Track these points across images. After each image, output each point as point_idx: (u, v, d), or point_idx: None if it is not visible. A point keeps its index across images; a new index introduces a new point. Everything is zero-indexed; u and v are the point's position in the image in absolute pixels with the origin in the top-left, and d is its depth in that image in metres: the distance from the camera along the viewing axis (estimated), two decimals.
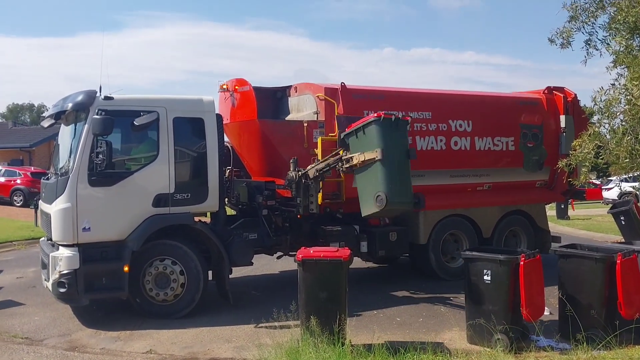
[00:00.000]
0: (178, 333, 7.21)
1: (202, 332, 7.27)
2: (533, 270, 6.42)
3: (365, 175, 7.41)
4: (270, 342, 6.36)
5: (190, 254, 7.86)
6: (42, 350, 6.61)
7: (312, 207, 8.59)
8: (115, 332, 7.28)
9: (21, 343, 6.91)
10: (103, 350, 6.68)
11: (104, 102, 7.53)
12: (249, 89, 9.24)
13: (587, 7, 6.88)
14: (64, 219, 7.29)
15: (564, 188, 11.44)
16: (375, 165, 7.22)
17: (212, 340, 6.97)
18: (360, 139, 7.48)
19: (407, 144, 7.73)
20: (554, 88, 11.45)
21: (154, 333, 7.21)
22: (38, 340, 7.03)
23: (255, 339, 6.88)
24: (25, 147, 33.27)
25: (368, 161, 7.29)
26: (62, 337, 7.16)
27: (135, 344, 6.87)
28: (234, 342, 6.90)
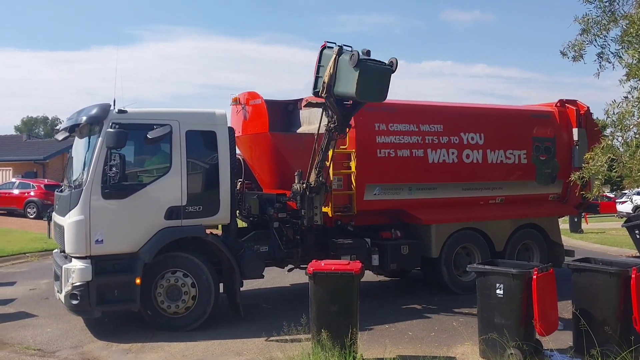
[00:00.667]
0: (189, 346, 7.21)
1: (213, 345, 7.26)
2: (546, 284, 6.35)
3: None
4: (281, 355, 6.34)
5: (201, 267, 7.88)
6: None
7: (317, 219, 8.64)
8: (127, 344, 7.29)
9: (33, 355, 6.93)
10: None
11: (118, 116, 7.61)
12: (261, 102, 9.30)
13: (599, 20, 6.85)
14: (77, 231, 7.34)
15: (577, 201, 11.34)
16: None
17: (223, 353, 6.96)
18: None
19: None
20: (567, 101, 11.42)
21: (166, 346, 7.22)
22: (50, 352, 7.06)
23: (266, 352, 6.85)
24: (39, 160, 33.60)
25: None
26: (74, 349, 7.19)
27: (146, 356, 6.88)
28: (245, 355, 6.88)
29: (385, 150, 9.33)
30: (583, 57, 7.14)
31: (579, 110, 11.26)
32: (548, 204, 11.12)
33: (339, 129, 8.19)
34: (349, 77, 7.66)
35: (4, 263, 14.16)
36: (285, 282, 11.11)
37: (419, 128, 9.68)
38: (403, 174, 9.54)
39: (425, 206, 9.77)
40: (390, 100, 10.11)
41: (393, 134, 9.44)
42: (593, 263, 6.90)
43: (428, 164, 9.69)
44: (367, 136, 9.22)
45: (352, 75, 7.59)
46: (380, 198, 9.41)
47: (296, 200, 8.64)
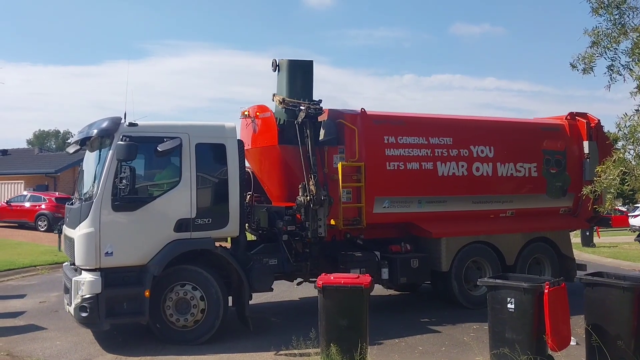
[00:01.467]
0: (198, 359, 7.17)
1: (222, 358, 7.22)
2: (558, 298, 6.28)
3: None
4: None
5: (210, 280, 7.86)
6: None
7: (321, 231, 8.63)
8: (135, 357, 7.27)
9: None
10: None
11: (129, 129, 7.66)
12: (270, 115, 9.32)
13: (609, 32, 6.83)
14: (87, 244, 7.37)
15: (588, 215, 11.25)
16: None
17: None
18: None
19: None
20: (577, 114, 11.37)
21: (174, 359, 7.18)
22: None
23: None
24: (51, 173, 33.86)
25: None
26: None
27: None
28: None
29: (394, 163, 9.32)
30: (593, 70, 7.11)
31: (590, 123, 11.21)
32: (559, 217, 11.03)
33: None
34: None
35: (14, 275, 14.22)
36: (295, 296, 11.07)
37: (428, 141, 9.66)
38: (412, 187, 9.51)
39: (435, 219, 9.72)
40: (399, 113, 10.21)
41: (402, 146, 9.43)
42: (606, 277, 6.81)
43: (437, 176, 9.66)
44: (376, 149, 9.21)
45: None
46: (390, 211, 9.38)
47: (300, 212, 8.72)
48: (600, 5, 6.70)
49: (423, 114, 10.41)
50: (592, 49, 7.00)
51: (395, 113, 10.14)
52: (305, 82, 9.28)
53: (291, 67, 9.32)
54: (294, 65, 9.35)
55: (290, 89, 9.19)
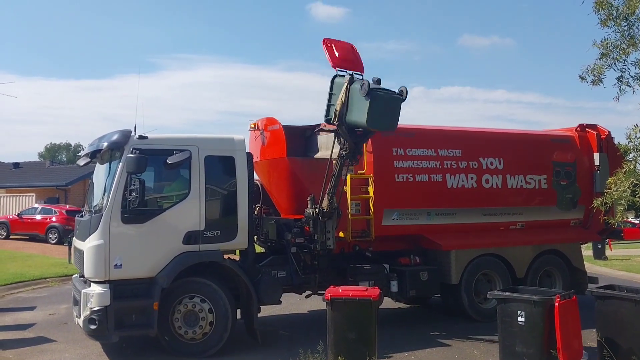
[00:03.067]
0: None
1: None
2: (569, 311, 6.23)
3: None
4: None
5: (219, 292, 7.85)
6: None
7: (329, 244, 8.60)
8: None
9: None
10: None
11: (138, 141, 7.71)
12: (279, 127, 9.37)
13: (618, 44, 6.83)
14: (96, 256, 7.39)
15: (600, 227, 11.15)
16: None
17: None
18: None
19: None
20: (587, 125, 11.32)
21: None
22: None
23: None
24: (61, 186, 34.10)
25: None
26: None
27: None
28: None
29: (403, 175, 9.30)
30: (602, 81, 7.10)
31: (600, 134, 11.15)
32: (570, 229, 10.94)
33: (350, 156, 8.27)
34: (360, 105, 7.76)
35: (24, 288, 14.27)
36: (303, 309, 11.02)
37: (437, 153, 9.65)
38: (421, 199, 9.48)
39: (444, 231, 9.68)
40: (408, 125, 10.19)
41: (411, 158, 9.42)
42: (618, 290, 6.76)
43: (447, 189, 9.62)
44: (385, 161, 9.21)
45: (362, 104, 7.70)
46: (399, 223, 9.35)
47: (309, 224, 8.67)
48: (608, 17, 6.71)
49: (432, 126, 10.42)
50: (601, 61, 7.00)
51: (404, 125, 10.09)
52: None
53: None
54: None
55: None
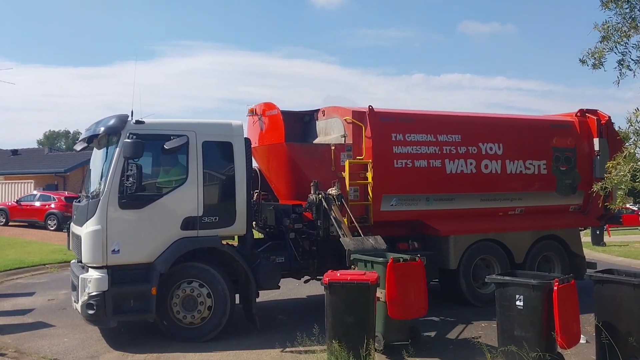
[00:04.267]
0: (205, 356, 7.17)
1: (228, 355, 7.21)
2: (567, 295, 6.20)
3: None
4: None
5: (217, 277, 7.85)
6: None
7: (333, 230, 8.56)
8: (142, 354, 7.26)
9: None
10: None
11: (135, 126, 7.65)
12: (277, 112, 9.30)
13: (619, 27, 6.75)
14: (93, 241, 7.37)
15: (599, 213, 11.14)
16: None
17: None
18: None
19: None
20: (587, 110, 11.25)
21: (181, 356, 7.18)
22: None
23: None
24: (60, 172, 34.05)
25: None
26: (90, 359, 7.18)
27: None
28: None
29: (402, 161, 9.26)
30: (603, 65, 7.02)
31: (600, 120, 11.09)
32: (569, 215, 10.93)
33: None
34: None
35: (23, 274, 14.27)
36: (302, 294, 11.04)
37: (436, 138, 9.60)
38: (420, 185, 9.46)
39: (443, 217, 9.66)
40: (408, 110, 10.16)
41: (410, 144, 9.37)
42: (616, 274, 6.73)
43: (446, 174, 9.59)
44: (384, 147, 9.16)
45: None
46: (397, 209, 9.33)
47: (312, 210, 8.62)
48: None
49: (432, 112, 10.38)
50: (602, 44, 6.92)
51: (403, 110, 10.10)
52: None
53: None
54: None
55: None
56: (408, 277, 6.88)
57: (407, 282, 6.86)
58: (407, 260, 6.98)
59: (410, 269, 6.95)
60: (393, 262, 6.78)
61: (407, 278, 6.86)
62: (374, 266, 7.09)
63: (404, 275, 6.83)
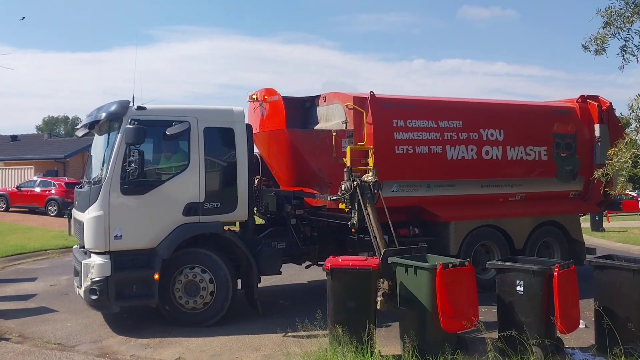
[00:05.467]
0: (207, 341, 7.23)
1: (230, 340, 7.27)
2: (567, 281, 6.26)
3: None
4: (298, 351, 6.29)
5: (219, 263, 7.89)
6: (74, 356, 6.69)
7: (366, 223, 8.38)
8: (145, 339, 7.33)
9: (54, 349, 7.01)
10: (133, 357, 6.74)
11: (137, 112, 7.64)
12: (278, 98, 9.27)
13: (622, 12, 6.72)
14: (96, 227, 7.40)
15: (598, 199, 11.17)
16: None
17: (240, 349, 6.96)
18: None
19: None
20: (588, 96, 11.22)
21: (183, 341, 7.24)
22: (70, 347, 7.12)
23: (283, 347, 6.83)
24: (60, 158, 34.00)
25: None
26: (93, 343, 7.25)
27: (164, 351, 6.90)
28: (263, 350, 6.89)
29: (403, 147, 9.25)
30: (605, 51, 7.01)
31: (601, 106, 11.06)
32: (569, 201, 10.95)
33: None
34: None
35: (25, 259, 14.34)
36: (303, 279, 11.11)
37: (437, 124, 9.58)
38: (421, 171, 9.45)
39: (443, 203, 9.68)
40: (410, 96, 10.13)
41: (411, 130, 9.36)
42: (616, 260, 6.78)
43: (447, 160, 9.59)
44: (385, 133, 9.14)
45: None
46: (398, 195, 9.33)
47: (345, 200, 7.82)
48: None
49: (433, 97, 10.31)
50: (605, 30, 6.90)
51: (404, 96, 10.06)
52: None
53: None
54: None
55: None
56: (458, 283, 6.26)
57: (458, 289, 6.26)
58: (457, 265, 6.35)
59: (461, 275, 6.34)
60: (442, 267, 6.10)
61: (457, 285, 6.24)
62: (417, 272, 6.33)
63: (454, 282, 6.20)
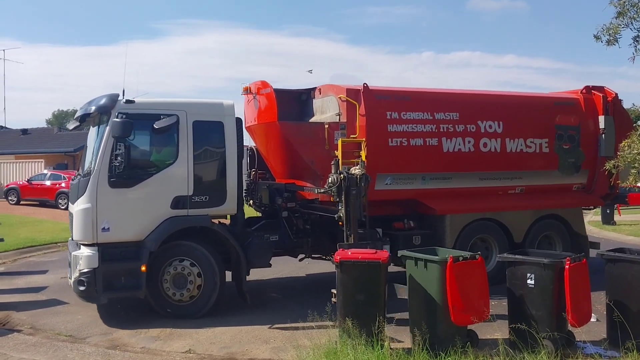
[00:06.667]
0: (217, 333, 7.24)
1: (240, 332, 7.27)
2: (579, 274, 6.16)
3: None
4: (308, 343, 6.24)
5: (207, 256, 7.90)
6: (85, 348, 6.72)
7: None
8: (155, 331, 7.35)
9: (65, 340, 7.06)
10: (143, 349, 6.75)
11: (125, 106, 7.66)
12: (270, 91, 9.21)
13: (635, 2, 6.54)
14: (84, 219, 7.45)
15: (603, 192, 10.92)
16: None
17: (250, 341, 6.97)
18: None
19: None
20: (593, 87, 10.97)
21: (193, 333, 7.25)
22: (81, 339, 7.16)
23: (292, 339, 6.78)
24: (70, 152, 34.00)
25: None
26: (103, 335, 7.28)
27: (174, 343, 6.92)
28: (272, 342, 6.89)
29: (397, 139, 9.12)
30: (618, 41, 6.84)
31: (607, 96, 10.81)
32: (572, 194, 10.72)
33: None
34: None
35: (36, 252, 14.52)
36: (314, 270, 11.06)
37: (433, 116, 9.43)
38: (416, 164, 9.33)
39: (439, 196, 9.54)
40: (406, 88, 10.01)
41: (406, 122, 9.22)
42: (628, 253, 6.63)
43: (442, 153, 9.44)
44: (378, 125, 9.02)
45: None
46: (392, 188, 9.23)
47: (332, 192, 7.79)
48: None
49: (429, 89, 10.17)
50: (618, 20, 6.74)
51: (400, 88, 9.93)
52: None
53: None
54: None
55: None
56: (469, 277, 6.19)
57: (469, 282, 6.19)
58: (467, 258, 6.30)
59: (471, 268, 6.26)
60: (453, 261, 6.06)
61: (467, 278, 6.17)
62: (427, 265, 6.28)
63: (465, 275, 6.14)
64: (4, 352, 6.41)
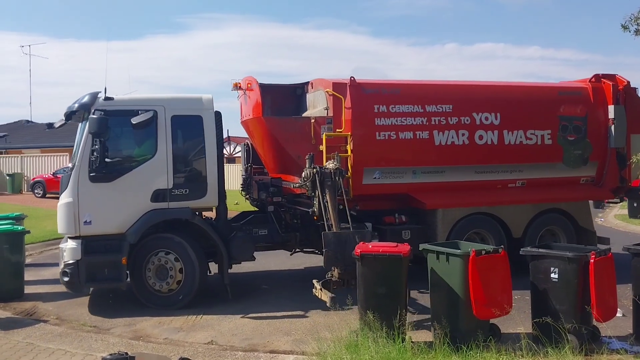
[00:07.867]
0: (239, 325, 7.37)
1: (262, 324, 7.37)
2: (604, 268, 5.99)
3: None
4: (329, 335, 6.24)
5: (188, 249, 8.06)
6: (109, 339, 6.82)
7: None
8: (177, 322, 7.49)
9: (90, 331, 7.19)
10: (166, 340, 6.84)
11: (103, 103, 7.93)
12: (256, 86, 9.30)
13: None
14: (66, 213, 7.76)
15: (614, 184, 10.45)
16: None
17: (271, 333, 7.03)
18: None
19: None
20: (603, 76, 10.47)
21: (215, 324, 7.37)
22: (105, 329, 7.28)
23: (314, 332, 6.77)
24: None
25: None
26: (127, 326, 7.38)
27: (197, 334, 7.01)
28: (294, 335, 6.91)
29: (385, 133, 9.01)
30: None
31: (617, 85, 10.31)
32: (578, 187, 10.28)
33: None
34: None
35: (57, 245, 15.02)
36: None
37: (424, 109, 9.25)
38: (406, 157, 9.19)
39: (432, 190, 9.36)
40: (396, 80, 9.88)
41: (395, 115, 9.09)
42: None
43: (434, 146, 9.26)
44: (364, 118, 8.93)
45: None
46: (381, 182, 9.13)
47: (306, 186, 8.03)
48: None
49: (420, 81, 10.01)
50: None
51: (389, 81, 9.84)
52: None
53: None
54: None
55: None
56: (491, 270, 6.09)
57: (491, 276, 6.10)
58: (490, 252, 6.20)
59: (494, 262, 6.16)
60: (476, 254, 5.96)
61: (490, 272, 6.07)
62: (449, 259, 6.19)
63: (487, 268, 6.04)
64: (31, 342, 6.62)
